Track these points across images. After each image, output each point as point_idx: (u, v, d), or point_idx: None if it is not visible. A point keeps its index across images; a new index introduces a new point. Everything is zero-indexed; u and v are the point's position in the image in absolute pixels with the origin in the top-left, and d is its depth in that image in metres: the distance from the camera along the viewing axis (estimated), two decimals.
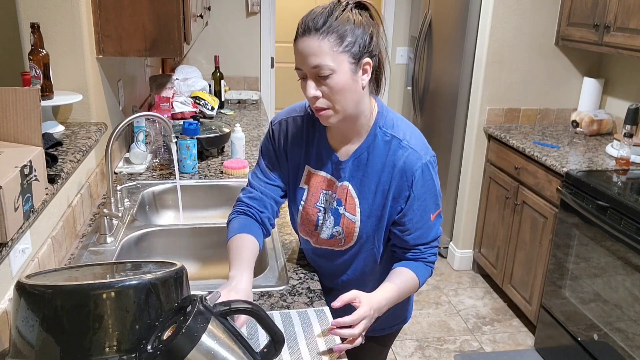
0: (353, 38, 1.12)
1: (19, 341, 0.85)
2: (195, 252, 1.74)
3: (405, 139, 1.23)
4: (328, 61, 1.10)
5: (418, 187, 1.24)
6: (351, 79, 1.13)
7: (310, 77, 1.13)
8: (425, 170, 1.23)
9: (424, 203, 1.26)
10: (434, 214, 1.29)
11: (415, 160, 1.22)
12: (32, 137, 1.24)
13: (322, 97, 1.14)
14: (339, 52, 1.10)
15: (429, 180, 1.25)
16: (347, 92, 1.13)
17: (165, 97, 2.97)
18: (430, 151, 1.26)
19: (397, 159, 1.23)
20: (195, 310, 0.86)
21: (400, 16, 4.13)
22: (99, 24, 1.88)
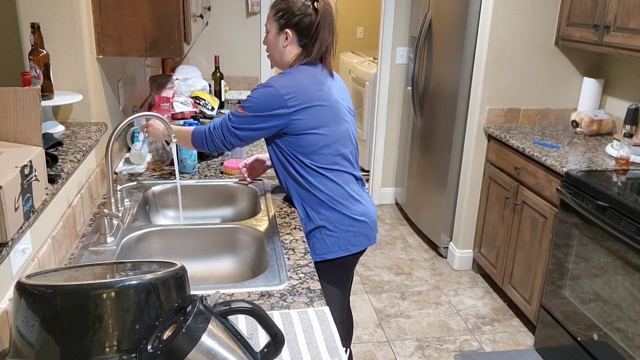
0: (282, 13, 1.73)
1: (19, 341, 0.86)
2: (195, 252, 1.74)
3: (279, 74, 1.75)
4: (267, 24, 1.79)
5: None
6: (274, 37, 1.77)
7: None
8: (260, 86, 1.73)
9: (246, 99, 1.76)
10: (242, 110, 1.73)
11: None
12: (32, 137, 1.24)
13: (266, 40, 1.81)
14: (273, 20, 1.76)
15: (256, 89, 1.73)
16: (271, 46, 1.80)
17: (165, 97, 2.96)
18: (277, 83, 1.70)
19: None
20: (196, 310, 0.86)
21: (400, 16, 4.13)
22: (99, 24, 1.88)
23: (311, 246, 1.80)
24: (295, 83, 1.71)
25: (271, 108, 1.69)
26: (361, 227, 1.82)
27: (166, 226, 1.73)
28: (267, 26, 1.78)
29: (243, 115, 1.72)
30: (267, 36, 1.79)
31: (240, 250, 1.75)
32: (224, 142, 1.76)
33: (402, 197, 4.32)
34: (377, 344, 2.75)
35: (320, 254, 1.80)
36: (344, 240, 1.80)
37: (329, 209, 1.78)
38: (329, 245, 1.80)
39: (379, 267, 3.51)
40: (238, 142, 1.77)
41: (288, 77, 1.73)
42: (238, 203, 2.09)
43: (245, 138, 1.75)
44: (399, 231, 4.07)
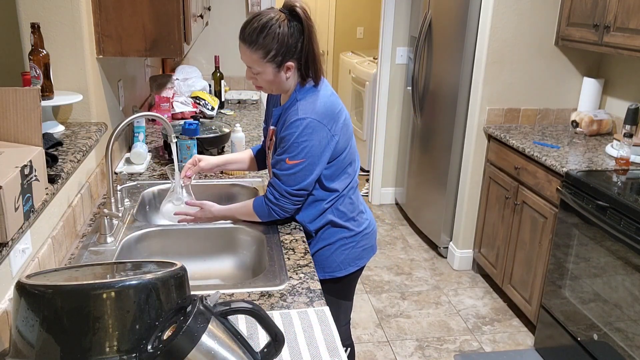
0: (276, 51, 1.51)
1: (19, 341, 0.86)
2: (195, 252, 1.74)
3: (300, 102, 1.57)
4: (256, 66, 1.54)
5: (285, 131, 1.56)
6: (274, 76, 1.56)
7: (247, 68, 1.58)
8: (296, 122, 1.54)
9: (285, 145, 1.56)
10: (291, 160, 1.56)
11: (293, 115, 1.56)
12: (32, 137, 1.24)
13: (256, 80, 1.59)
14: (264, 62, 1.52)
15: (295, 131, 1.53)
16: (272, 83, 1.58)
17: (165, 97, 2.97)
18: (312, 115, 1.54)
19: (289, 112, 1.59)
20: (196, 310, 0.86)
21: (400, 16, 4.13)
22: (99, 24, 1.89)
23: (318, 263, 1.75)
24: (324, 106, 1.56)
25: (321, 144, 1.55)
26: (368, 239, 1.79)
27: (166, 226, 1.73)
28: (255, 68, 1.54)
29: (299, 170, 1.56)
30: (259, 77, 1.56)
31: (240, 250, 1.75)
32: (295, 205, 1.62)
33: (402, 197, 4.32)
34: (377, 344, 2.75)
35: (330, 272, 1.75)
36: (353, 256, 1.76)
37: (343, 228, 1.72)
38: (339, 263, 1.75)
39: (379, 267, 3.51)
40: (304, 197, 1.63)
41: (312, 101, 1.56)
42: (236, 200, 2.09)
43: (309, 188, 1.61)
44: (399, 231, 4.07)
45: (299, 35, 1.51)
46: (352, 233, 1.74)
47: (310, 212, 1.70)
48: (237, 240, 1.74)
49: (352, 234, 1.74)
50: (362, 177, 4.99)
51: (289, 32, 1.50)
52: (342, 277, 1.76)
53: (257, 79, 1.58)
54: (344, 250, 1.74)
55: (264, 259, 1.59)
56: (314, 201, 1.69)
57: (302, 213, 1.71)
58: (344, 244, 1.73)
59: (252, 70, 1.56)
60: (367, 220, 1.78)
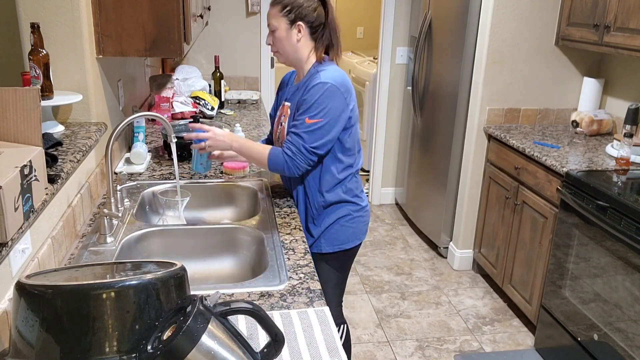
0: (290, 7, 1.70)
1: (19, 341, 0.85)
2: (195, 252, 1.74)
3: (321, 71, 1.71)
4: (273, 21, 1.73)
5: (307, 94, 1.69)
6: (286, 32, 1.73)
7: (269, 32, 1.76)
8: (317, 85, 1.67)
9: (307, 105, 1.68)
10: (311, 119, 1.67)
11: (315, 80, 1.69)
12: (32, 137, 1.24)
13: (272, 45, 1.77)
14: (280, 16, 1.72)
15: (316, 93, 1.67)
16: (284, 42, 1.74)
17: (165, 97, 2.97)
18: (333, 80, 1.68)
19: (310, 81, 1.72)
20: (195, 310, 0.86)
21: (400, 16, 4.13)
22: (99, 24, 1.88)
23: (329, 237, 1.87)
24: (343, 78, 1.72)
25: (338, 109, 1.69)
26: (367, 217, 1.95)
27: (166, 226, 1.73)
28: (273, 24, 1.73)
29: (317, 127, 1.68)
30: (274, 34, 1.74)
31: (240, 250, 1.75)
32: (308, 164, 1.72)
33: (402, 197, 4.32)
34: (377, 344, 2.75)
35: (339, 244, 1.88)
36: (358, 230, 1.91)
37: (350, 203, 1.86)
38: (348, 235, 1.88)
39: (379, 267, 3.51)
40: (317, 159, 1.74)
41: (333, 71, 1.72)
42: (238, 203, 2.09)
43: (325, 151, 1.74)
44: (399, 231, 4.07)
45: (317, 6, 1.72)
46: (358, 207, 1.89)
47: (328, 181, 1.82)
48: (237, 240, 1.74)
49: (358, 208, 1.88)
50: (362, 177, 4.99)
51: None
52: (348, 249, 1.90)
53: (274, 41, 1.75)
54: (352, 223, 1.88)
55: (264, 259, 1.59)
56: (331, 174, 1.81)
57: (320, 181, 1.82)
58: (352, 218, 1.87)
59: (271, 28, 1.73)
60: (366, 197, 1.95)
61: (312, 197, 1.84)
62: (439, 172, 3.59)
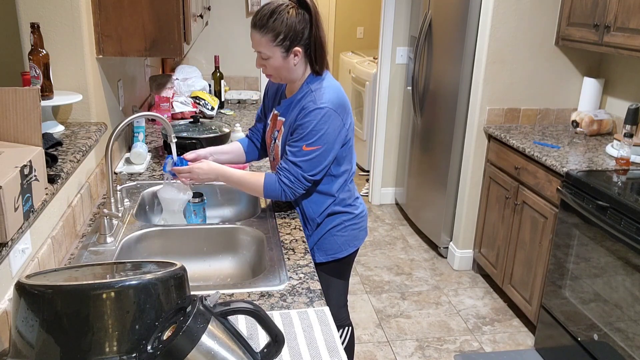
0: (284, 35, 1.57)
1: (19, 341, 0.85)
2: (195, 252, 1.74)
3: (316, 92, 1.64)
4: (265, 51, 1.60)
5: (303, 119, 1.62)
6: (283, 61, 1.62)
7: (257, 55, 1.64)
8: (314, 111, 1.60)
9: (302, 132, 1.61)
10: (308, 147, 1.61)
11: (311, 104, 1.62)
12: (32, 137, 1.24)
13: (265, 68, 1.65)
14: (273, 46, 1.59)
15: (314, 119, 1.60)
16: (281, 69, 1.64)
17: (165, 97, 2.97)
18: (328, 103, 1.61)
19: (304, 102, 1.65)
20: (195, 310, 0.86)
21: (400, 16, 4.13)
22: (99, 24, 1.88)
23: (321, 247, 1.85)
24: (338, 96, 1.65)
25: (336, 131, 1.64)
26: (362, 222, 1.91)
27: (166, 226, 1.73)
28: (264, 52, 1.60)
29: (315, 155, 1.62)
30: (267, 61, 1.62)
31: (240, 250, 1.75)
32: (305, 189, 1.69)
33: (402, 197, 4.32)
34: (377, 344, 2.75)
35: (332, 254, 1.85)
36: (352, 237, 1.87)
37: (343, 213, 1.83)
38: (340, 245, 1.85)
39: (379, 267, 3.51)
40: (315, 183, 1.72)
41: (328, 91, 1.64)
42: (238, 203, 2.09)
43: (322, 174, 1.69)
44: (399, 231, 4.07)
45: (307, 23, 1.60)
46: (352, 216, 1.85)
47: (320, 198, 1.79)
48: (237, 240, 1.74)
49: (351, 217, 1.85)
50: (362, 177, 4.99)
51: (297, 19, 1.58)
52: (342, 257, 1.87)
53: (267, 66, 1.64)
54: (344, 232, 1.85)
55: (264, 259, 1.59)
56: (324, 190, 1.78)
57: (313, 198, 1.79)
58: (344, 227, 1.84)
59: (262, 55, 1.62)
60: (361, 204, 1.90)
61: (306, 212, 1.81)
62: (439, 172, 3.59)
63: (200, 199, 1.84)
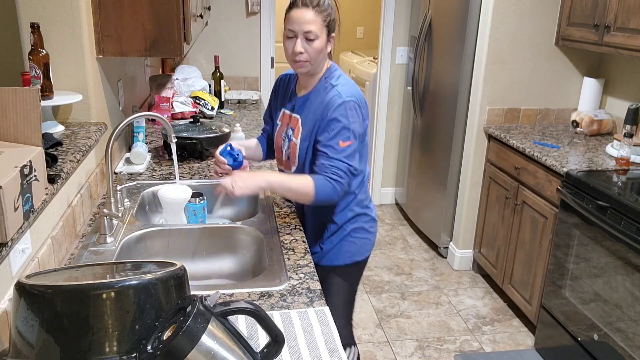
0: (330, 18, 1.61)
1: (19, 341, 0.85)
2: (195, 252, 1.74)
3: (337, 87, 1.63)
4: (317, 30, 1.57)
5: (333, 115, 1.59)
6: (324, 45, 1.62)
7: (300, 37, 1.58)
8: (341, 105, 1.59)
9: (335, 128, 1.59)
10: (344, 142, 1.59)
11: (337, 98, 1.61)
12: (32, 137, 1.24)
13: (304, 53, 1.59)
14: (323, 26, 1.59)
15: (343, 114, 1.59)
16: (320, 53, 1.62)
17: (165, 97, 2.97)
18: (353, 97, 1.61)
19: (327, 97, 1.63)
20: (195, 310, 0.86)
21: (400, 16, 4.13)
22: (99, 24, 1.88)
23: (339, 250, 1.80)
24: (358, 91, 1.66)
25: (361, 125, 1.64)
26: (376, 227, 1.89)
27: (166, 226, 1.73)
28: (314, 31, 1.57)
29: (352, 150, 1.61)
30: (313, 43, 1.58)
31: (240, 250, 1.74)
32: (348, 185, 1.66)
33: (402, 197, 4.32)
34: (377, 344, 2.75)
35: (350, 256, 1.82)
36: (368, 241, 1.85)
37: (362, 215, 1.81)
38: (359, 247, 1.82)
39: (379, 267, 3.51)
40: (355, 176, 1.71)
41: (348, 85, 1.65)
42: (238, 203, 2.09)
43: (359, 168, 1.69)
44: (399, 231, 4.07)
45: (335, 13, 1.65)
46: (369, 218, 1.83)
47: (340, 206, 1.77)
48: (237, 240, 1.74)
49: (368, 219, 1.83)
50: None
51: (334, 6, 1.64)
52: (360, 261, 1.84)
53: (309, 49, 1.59)
54: (362, 234, 1.82)
55: (264, 259, 1.59)
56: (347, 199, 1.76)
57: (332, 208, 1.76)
58: (363, 229, 1.82)
59: (310, 36, 1.57)
60: (374, 208, 1.88)
61: (325, 215, 1.77)
62: (439, 172, 3.59)
63: (200, 199, 1.84)
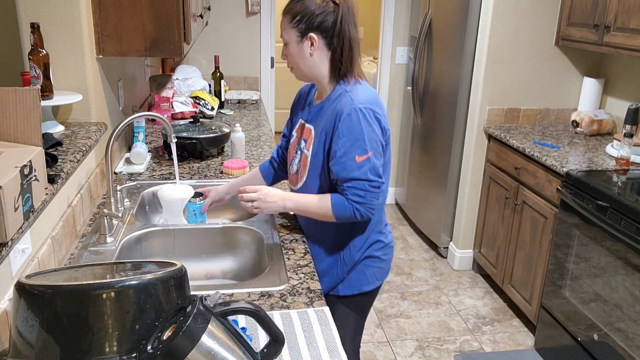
0: (301, 16, 1.46)
1: (19, 341, 0.85)
2: (195, 252, 1.74)
3: (351, 92, 1.48)
4: (284, 34, 1.51)
5: (344, 125, 1.45)
6: (297, 46, 1.49)
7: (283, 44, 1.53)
8: (353, 113, 1.44)
9: (349, 141, 1.45)
10: (361, 156, 1.45)
11: (348, 105, 1.46)
12: (32, 137, 1.24)
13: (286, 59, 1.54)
14: (290, 27, 1.48)
15: (356, 123, 1.44)
16: (296, 57, 1.51)
17: (165, 97, 2.97)
18: (367, 104, 1.46)
19: (339, 104, 1.48)
20: (195, 310, 0.86)
21: (400, 16, 4.13)
22: (99, 24, 1.88)
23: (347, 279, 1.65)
24: (375, 96, 1.51)
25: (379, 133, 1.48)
26: (391, 254, 1.72)
27: (166, 226, 1.73)
28: (284, 36, 1.50)
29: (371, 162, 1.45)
30: (286, 48, 1.52)
31: (240, 250, 1.74)
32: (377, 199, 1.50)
33: (402, 197, 4.32)
34: (377, 344, 2.75)
35: (359, 286, 1.65)
36: (380, 270, 1.68)
37: (376, 242, 1.64)
38: (368, 277, 1.65)
39: None
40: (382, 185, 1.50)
41: (363, 90, 1.49)
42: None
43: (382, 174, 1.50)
44: (399, 231, 4.07)
45: (331, 13, 1.45)
46: (383, 244, 1.66)
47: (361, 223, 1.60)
48: (237, 240, 1.74)
49: (382, 246, 1.66)
50: None
51: (318, 4, 1.45)
52: (370, 291, 1.67)
53: (287, 55, 1.53)
54: (375, 263, 1.65)
55: (264, 259, 1.59)
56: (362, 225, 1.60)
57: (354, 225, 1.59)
58: (376, 258, 1.65)
59: (283, 41, 1.51)
60: (390, 232, 1.71)
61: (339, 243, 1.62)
62: (439, 172, 3.59)
63: (200, 199, 1.84)
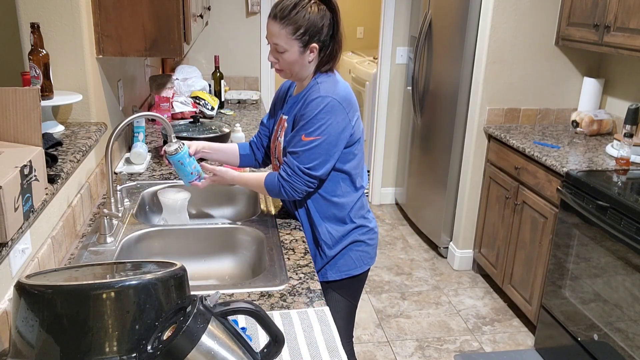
0: (305, 29, 1.52)
1: (19, 341, 0.85)
2: (195, 252, 1.74)
3: (321, 84, 1.58)
4: (283, 43, 1.53)
5: (305, 109, 1.56)
6: (299, 56, 1.56)
7: (271, 47, 1.58)
8: (316, 99, 1.53)
9: (303, 121, 1.55)
10: (307, 137, 1.54)
11: (315, 94, 1.55)
12: (32, 137, 1.24)
13: (277, 62, 1.59)
14: (292, 39, 1.53)
15: (315, 108, 1.53)
16: (294, 64, 1.58)
17: (165, 97, 2.97)
18: (334, 95, 1.55)
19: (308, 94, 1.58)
20: (195, 310, 0.86)
21: (400, 16, 4.13)
22: (99, 24, 1.88)
23: (334, 265, 1.74)
24: (345, 91, 1.58)
25: (339, 126, 1.55)
26: (376, 239, 1.81)
27: (166, 226, 1.73)
28: (281, 45, 1.54)
29: (313, 146, 1.54)
30: (283, 55, 1.56)
31: (240, 250, 1.75)
32: (307, 186, 1.58)
33: (402, 197, 4.32)
34: (377, 344, 2.75)
35: (346, 271, 1.74)
36: (366, 255, 1.77)
37: (358, 227, 1.73)
38: (354, 261, 1.74)
39: (379, 267, 3.51)
40: (318, 181, 1.60)
41: (333, 84, 1.58)
42: (238, 203, 2.09)
43: (324, 174, 1.58)
44: (399, 231, 4.07)
45: (328, 21, 1.55)
46: (366, 229, 1.75)
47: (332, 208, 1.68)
48: (237, 240, 1.74)
49: (365, 231, 1.75)
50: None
51: (319, 15, 1.53)
52: (357, 275, 1.77)
53: (280, 60, 1.57)
54: (360, 247, 1.74)
55: (264, 259, 1.59)
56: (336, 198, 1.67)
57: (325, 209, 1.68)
58: (360, 242, 1.74)
59: (278, 49, 1.55)
60: (373, 218, 1.80)
61: (317, 226, 1.70)
62: (439, 172, 3.59)
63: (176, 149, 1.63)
